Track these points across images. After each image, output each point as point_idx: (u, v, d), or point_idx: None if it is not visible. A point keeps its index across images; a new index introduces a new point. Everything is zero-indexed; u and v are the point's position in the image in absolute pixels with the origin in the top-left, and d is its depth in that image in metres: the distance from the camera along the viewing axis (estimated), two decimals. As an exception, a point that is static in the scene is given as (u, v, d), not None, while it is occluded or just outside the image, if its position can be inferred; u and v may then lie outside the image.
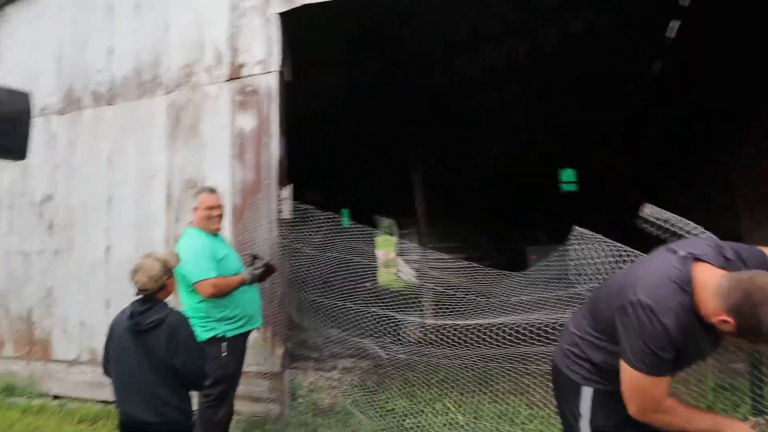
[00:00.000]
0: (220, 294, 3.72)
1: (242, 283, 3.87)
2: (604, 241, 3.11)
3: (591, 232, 3.23)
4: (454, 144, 16.34)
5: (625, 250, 3.00)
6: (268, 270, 4.11)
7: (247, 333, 4.09)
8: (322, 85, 9.93)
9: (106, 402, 5.47)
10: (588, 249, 3.23)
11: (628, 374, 1.83)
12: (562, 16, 8.98)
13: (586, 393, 2.10)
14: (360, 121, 12.62)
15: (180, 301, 3.97)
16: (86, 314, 5.73)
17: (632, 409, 1.86)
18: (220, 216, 4.03)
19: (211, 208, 3.94)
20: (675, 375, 1.94)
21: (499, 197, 21.20)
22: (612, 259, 3.04)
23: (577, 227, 3.32)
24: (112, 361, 2.94)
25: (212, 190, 4.07)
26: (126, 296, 5.39)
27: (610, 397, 2.04)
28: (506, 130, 16.17)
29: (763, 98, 8.62)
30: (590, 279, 3.32)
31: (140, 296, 2.93)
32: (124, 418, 2.80)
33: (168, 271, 2.96)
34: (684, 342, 1.76)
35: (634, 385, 1.83)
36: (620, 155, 18.60)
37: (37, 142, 6.16)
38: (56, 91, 6.18)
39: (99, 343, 5.56)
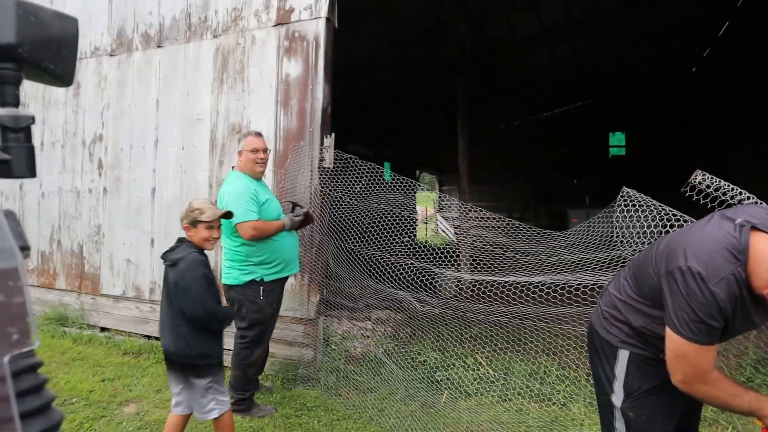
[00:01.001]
0: (260, 237, 3.77)
1: (282, 229, 3.92)
2: (654, 204, 3.00)
3: (640, 194, 3.12)
4: (502, 102, 16.03)
5: (674, 215, 2.89)
6: (307, 219, 4.16)
7: (285, 278, 4.17)
8: (368, 35, 9.80)
9: (148, 337, 5.72)
10: (635, 211, 3.12)
11: (674, 341, 1.76)
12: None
13: (623, 355, 2.06)
14: (405, 74, 12.47)
15: (221, 243, 4.05)
16: (132, 253, 5.93)
17: (677, 377, 1.80)
18: (265, 160, 4.06)
19: (256, 150, 3.96)
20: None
21: (543, 158, 20.77)
22: (660, 222, 2.93)
23: (626, 188, 3.20)
24: None
25: (259, 134, 4.10)
26: (170, 236, 5.55)
27: (646, 362, 2.00)
28: (555, 91, 15.76)
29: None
30: (636, 242, 3.22)
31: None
32: (162, 346, 3.05)
33: (191, 217, 3.05)
34: (732, 312, 1.68)
35: (680, 353, 1.76)
36: (672, 119, 17.85)
37: (89, 82, 6.30)
38: (108, 32, 6.25)
39: (143, 280, 5.80)
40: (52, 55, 0.78)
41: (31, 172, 0.74)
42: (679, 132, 17.88)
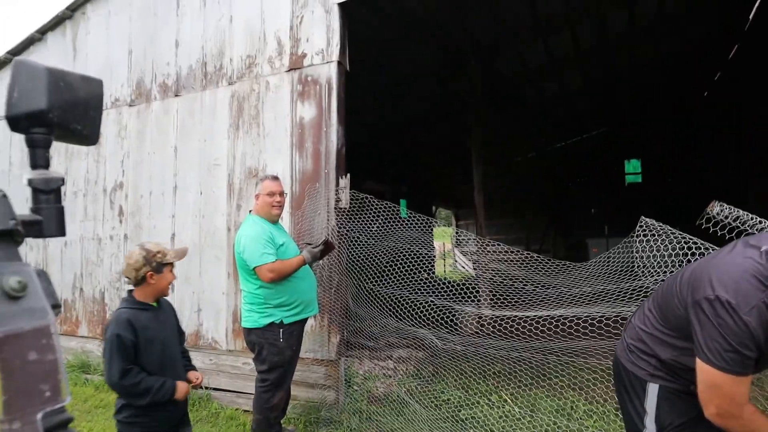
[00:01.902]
0: (279, 278, 3.78)
1: (302, 263, 3.92)
2: (673, 233, 2.97)
3: (659, 223, 3.09)
4: (516, 133, 16.10)
5: (695, 243, 2.85)
6: (328, 247, 4.13)
7: (304, 320, 4.16)
8: (379, 72, 9.96)
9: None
10: (655, 241, 3.09)
11: (706, 373, 1.70)
12: None
13: (653, 389, 2.01)
14: (418, 109, 12.61)
15: (240, 287, 4.08)
16: (153, 298, 5.97)
17: (710, 410, 1.74)
18: (281, 204, 4.10)
19: (273, 194, 4.01)
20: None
21: (559, 188, 20.69)
22: (681, 251, 2.89)
23: (644, 218, 3.18)
24: None
25: (275, 178, 4.15)
26: (190, 281, 5.61)
27: (677, 395, 1.95)
28: (568, 120, 15.82)
29: None
30: (657, 272, 3.18)
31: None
32: None
33: (154, 262, 2.82)
34: (765, 340, 1.63)
35: (713, 384, 1.70)
36: (687, 144, 17.74)
37: (110, 132, 6.47)
38: (127, 83, 6.45)
39: (164, 325, 5.82)
40: (80, 116, 0.82)
41: (61, 232, 0.77)
42: (694, 156, 17.77)
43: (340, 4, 5.04)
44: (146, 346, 2.76)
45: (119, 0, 6.60)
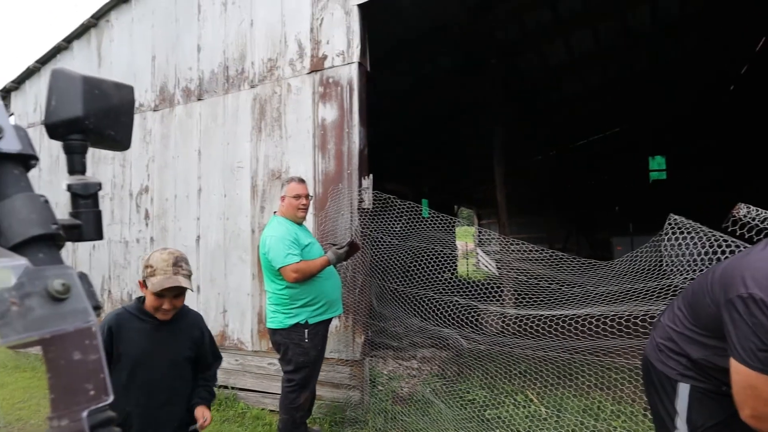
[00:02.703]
0: (304, 278, 3.81)
1: (326, 264, 3.94)
2: (703, 230, 2.92)
3: (688, 221, 3.04)
4: (537, 132, 15.98)
5: (725, 240, 2.80)
6: (353, 248, 4.13)
7: (329, 320, 4.18)
8: (399, 74, 9.98)
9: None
10: (684, 238, 3.05)
11: (740, 373, 1.66)
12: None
13: (683, 389, 1.98)
14: (439, 109, 12.59)
15: (265, 288, 4.12)
16: (179, 299, 6.05)
17: (745, 412, 1.69)
18: (307, 206, 4.13)
19: (299, 197, 4.04)
20: None
21: (582, 186, 20.47)
22: (711, 249, 2.84)
23: (673, 215, 3.14)
24: None
25: (301, 180, 4.17)
26: (216, 282, 5.68)
27: (709, 396, 1.92)
28: (590, 117, 15.64)
29: None
30: (686, 270, 3.13)
31: None
32: None
33: (145, 270, 2.45)
34: None
35: (748, 385, 1.65)
36: (712, 139, 17.40)
37: (135, 137, 6.57)
38: (151, 88, 6.56)
39: (191, 326, 5.90)
40: (113, 122, 0.84)
41: (99, 236, 0.79)
42: (720, 151, 17.44)
43: (360, 6, 5.06)
44: (117, 360, 2.43)
45: (142, 7, 6.72)
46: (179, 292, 2.47)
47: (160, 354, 2.50)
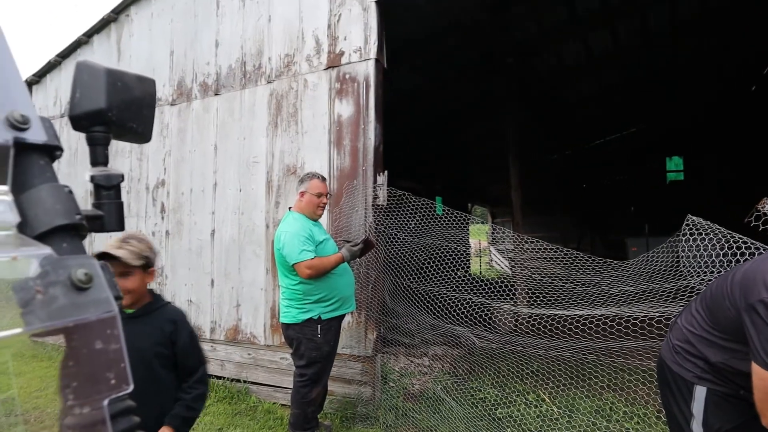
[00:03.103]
0: (317, 274, 3.82)
1: (340, 261, 3.95)
2: (721, 231, 2.88)
3: (707, 222, 3.01)
4: (553, 131, 15.87)
5: (744, 242, 2.76)
6: (367, 246, 4.12)
7: (342, 316, 4.18)
8: (414, 71, 9.95)
9: (211, 376, 5.83)
10: (702, 240, 3.01)
11: (764, 379, 1.63)
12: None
13: (700, 392, 1.96)
14: (454, 107, 12.55)
15: (279, 283, 4.14)
16: (193, 293, 6.11)
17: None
18: (326, 205, 4.15)
19: (320, 195, 4.06)
20: None
21: (597, 186, 20.30)
22: (730, 251, 2.81)
23: (691, 216, 3.10)
24: None
25: (324, 178, 4.18)
26: (230, 276, 5.71)
27: (726, 399, 1.89)
28: (607, 117, 15.50)
29: None
30: (704, 272, 3.10)
31: None
32: None
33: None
34: None
35: None
36: (731, 140, 17.15)
37: (153, 131, 6.61)
38: (169, 83, 6.60)
39: (204, 320, 5.95)
40: (135, 115, 0.85)
41: (121, 226, 0.80)
42: (740, 153, 17.19)
43: (378, 2, 5.05)
44: None
45: (162, 2, 6.76)
46: (123, 270, 2.24)
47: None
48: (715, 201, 16.30)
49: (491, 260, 23.42)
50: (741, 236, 2.77)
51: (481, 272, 18.17)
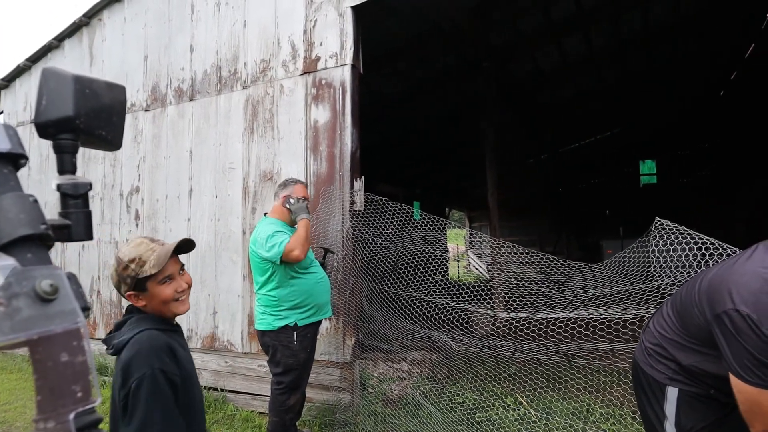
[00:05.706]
0: (303, 248, 3.74)
1: (307, 224, 3.87)
2: (689, 233, 2.94)
3: (674, 224, 3.06)
4: (529, 135, 16.05)
5: (712, 243, 2.82)
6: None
7: (318, 323, 4.15)
8: (394, 75, 9.99)
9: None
10: (672, 242, 3.07)
11: (743, 391, 1.63)
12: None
13: (672, 393, 1.99)
14: (432, 112, 12.62)
15: (255, 290, 4.10)
16: (169, 300, 6.01)
17: (756, 430, 1.66)
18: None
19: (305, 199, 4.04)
20: None
21: (573, 190, 20.58)
22: (699, 252, 2.86)
23: (659, 218, 3.16)
24: None
25: (305, 184, 4.15)
26: (206, 284, 5.64)
27: (697, 399, 1.92)
28: (582, 121, 15.74)
29: None
30: (674, 273, 3.15)
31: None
32: None
33: (129, 279, 1.93)
34: None
35: (754, 401, 1.62)
36: (702, 144, 17.56)
37: (126, 137, 6.53)
38: (143, 88, 6.53)
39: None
40: (104, 122, 0.84)
41: (89, 236, 0.78)
42: (711, 156, 17.60)
43: (354, 8, 5.06)
44: (189, 387, 1.87)
45: (135, 6, 6.69)
46: (181, 265, 2.04)
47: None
48: (688, 203, 16.65)
49: (469, 264, 23.53)
50: (708, 238, 2.83)
51: (459, 276, 18.23)
